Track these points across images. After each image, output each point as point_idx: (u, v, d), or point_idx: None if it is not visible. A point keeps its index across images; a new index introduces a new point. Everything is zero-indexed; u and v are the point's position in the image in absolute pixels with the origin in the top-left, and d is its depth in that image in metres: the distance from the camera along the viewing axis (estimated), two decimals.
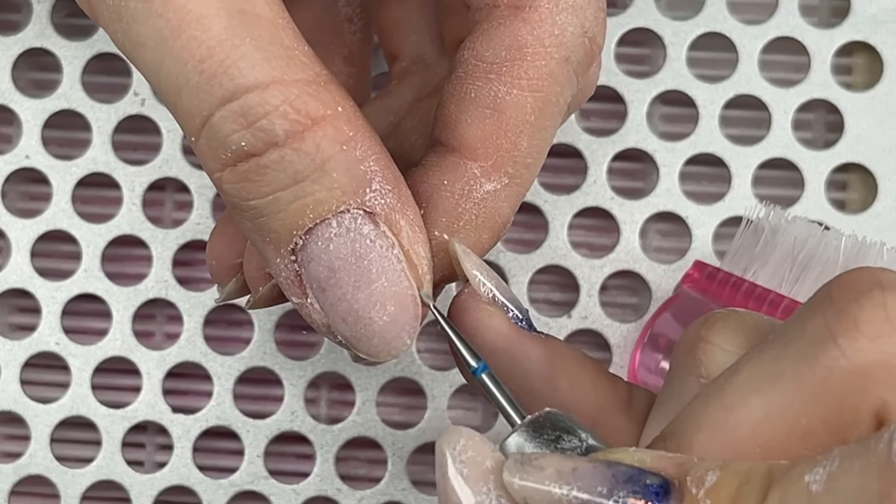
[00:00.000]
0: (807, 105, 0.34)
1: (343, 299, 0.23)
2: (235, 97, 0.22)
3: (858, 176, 0.34)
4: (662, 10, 0.34)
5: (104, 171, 0.34)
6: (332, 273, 0.23)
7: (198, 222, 0.34)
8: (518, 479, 0.20)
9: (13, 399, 0.34)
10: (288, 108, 0.22)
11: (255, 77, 0.22)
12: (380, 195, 0.23)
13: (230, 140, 0.22)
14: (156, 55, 0.22)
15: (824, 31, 0.34)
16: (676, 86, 0.34)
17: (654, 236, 0.35)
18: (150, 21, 0.22)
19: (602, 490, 0.19)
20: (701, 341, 0.23)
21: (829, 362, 0.19)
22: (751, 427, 0.20)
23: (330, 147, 0.22)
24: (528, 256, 0.34)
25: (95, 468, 0.33)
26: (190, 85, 0.22)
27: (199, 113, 0.22)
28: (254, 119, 0.22)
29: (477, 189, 0.25)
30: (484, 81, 0.25)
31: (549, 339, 0.24)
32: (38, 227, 0.34)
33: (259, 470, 0.33)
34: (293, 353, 0.34)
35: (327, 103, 0.22)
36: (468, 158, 0.25)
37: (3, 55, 0.34)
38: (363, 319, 0.23)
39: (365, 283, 0.23)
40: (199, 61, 0.22)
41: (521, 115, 0.25)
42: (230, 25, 0.22)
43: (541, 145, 0.25)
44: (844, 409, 0.19)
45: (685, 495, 0.19)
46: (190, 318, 0.34)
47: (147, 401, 0.34)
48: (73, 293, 0.34)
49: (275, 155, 0.22)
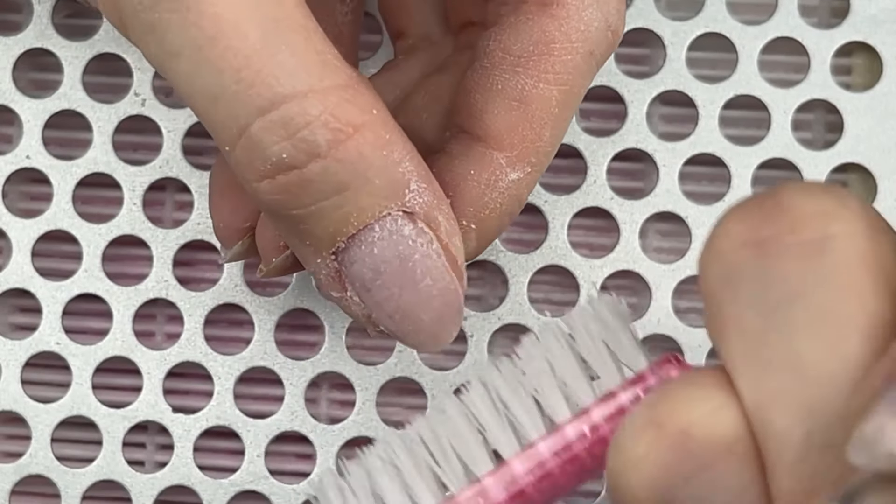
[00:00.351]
0: (806, 105, 0.34)
1: (390, 299, 0.24)
2: (274, 107, 0.22)
3: (858, 176, 0.34)
4: (662, 10, 0.34)
5: (105, 171, 0.34)
6: (378, 275, 0.23)
7: (198, 222, 0.34)
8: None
9: (14, 399, 0.34)
10: (329, 118, 0.22)
11: (293, 86, 0.22)
12: (417, 195, 0.23)
13: (270, 152, 0.22)
14: (191, 65, 0.22)
15: (824, 31, 0.34)
16: (676, 86, 0.34)
17: (654, 236, 0.35)
18: (186, 31, 0.22)
19: None
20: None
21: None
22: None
23: (371, 153, 0.22)
24: (527, 256, 0.34)
25: (96, 468, 0.34)
26: (227, 94, 0.22)
27: (237, 123, 0.22)
28: (294, 130, 0.22)
29: (503, 179, 0.26)
30: (511, 74, 0.25)
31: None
32: (39, 227, 0.34)
33: (259, 469, 0.34)
34: (293, 353, 0.34)
35: (364, 108, 0.22)
36: (494, 149, 0.25)
37: (4, 55, 0.34)
38: (410, 317, 0.24)
39: (410, 284, 0.23)
40: (236, 70, 0.21)
41: (546, 108, 0.25)
42: (266, 33, 0.22)
43: (561, 135, 0.26)
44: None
45: None
46: (190, 318, 0.34)
47: (147, 401, 0.34)
48: (74, 293, 0.34)
49: (318, 167, 0.22)
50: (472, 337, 0.33)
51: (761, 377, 0.19)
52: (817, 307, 0.19)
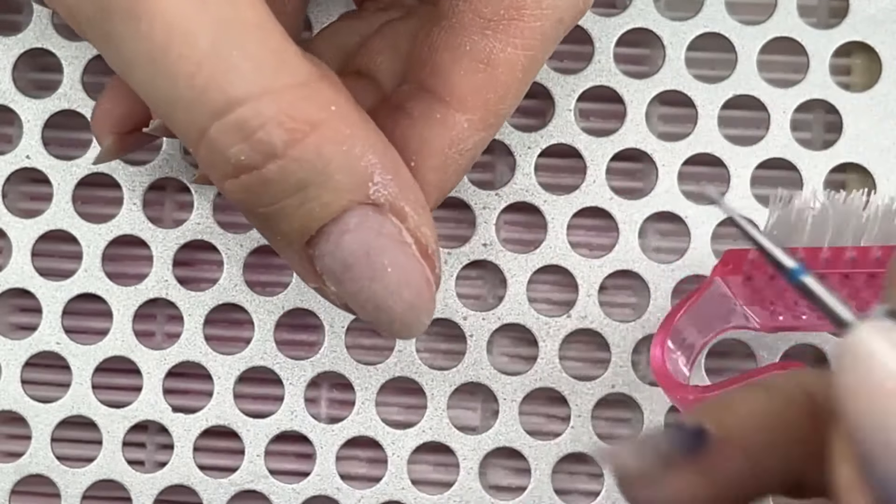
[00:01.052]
0: (805, 105, 0.34)
1: (360, 291, 0.24)
2: (229, 110, 0.22)
3: (857, 176, 0.34)
4: (661, 10, 0.34)
5: (104, 171, 0.34)
6: (347, 268, 0.23)
7: (198, 222, 0.34)
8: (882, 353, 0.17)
9: (14, 399, 0.34)
10: (283, 118, 0.22)
11: (245, 88, 0.22)
12: (382, 186, 0.23)
13: (229, 154, 0.22)
14: (146, 74, 0.22)
15: (823, 31, 0.34)
16: (675, 86, 0.34)
17: (654, 236, 0.35)
18: (138, 43, 0.22)
19: None
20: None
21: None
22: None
23: (330, 150, 0.22)
24: (527, 256, 0.34)
25: (96, 467, 0.34)
26: (183, 101, 0.22)
27: (195, 127, 0.22)
28: (250, 132, 0.22)
29: (464, 141, 0.26)
30: (480, 37, 0.25)
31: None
32: (39, 227, 0.34)
33: (259, 469, 0.34)
34: (293, 353, 0.34)
35: (322, 105, 0.22)
36: (457, 110, 0.26)
37: (4, 55, 0.34)
38: (382, 308, 0.24)
39: (379, 275, 0.24)
40: (189, 77, 0.22)
41: (512, 72, 0.26)
42: (216, 38, 0.22)
43: (520, 98, 0.27)
44: None
45: None
46: (190, 318, 0.34)
47: (147, 400, 0.34)
48: (74, 293, 0.34)
49: (275, 166, 0.22)
50: (472, 337, 0.34)
51: None
52: None
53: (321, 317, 0.34)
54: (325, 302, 0.33)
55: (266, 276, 0.35)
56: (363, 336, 0.34)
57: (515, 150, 0.34)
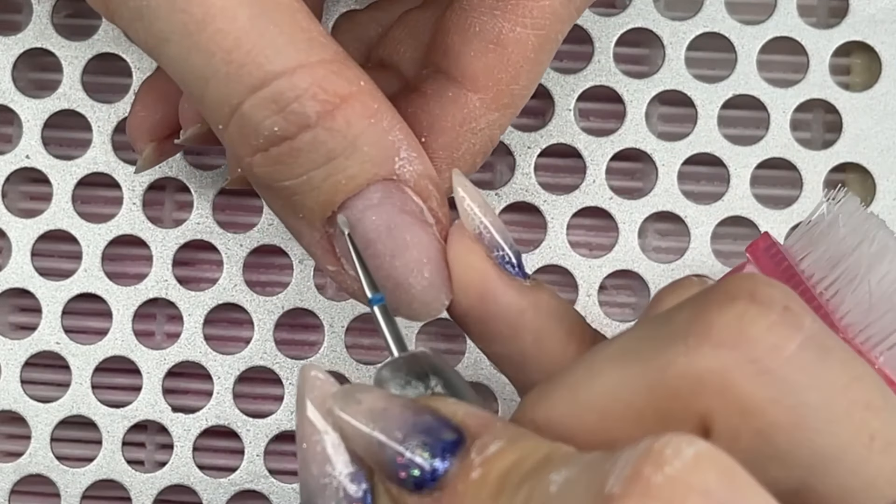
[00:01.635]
0: (805, 105, 0.34)
1: (381, 268, 0.24)
2: (265, 84, 0.22)
3: (857, 176, 0.34)
4: (661, 10, 0.34)
5: (104, 171, 0.34)
6: (369, 244, 0.24)
7: (198, 222, 0.34)
8: (338, 409, 0.20)
9: (13, 398, 0.34)
10: (317, 90, 0.22)
11: (282, 63, 0.22)
12: (408, 162, 0.23)
13: (262, 126, 0.22)
14: (181, 49, 0.22)
15: (822, 31, 0.34)
16: (675, 86, 0.34)
17: (653, 236, 0.35)
18: (174, 16, 0.22)
19: (398, 435, 0.20)
20: (656, 302, 0.23)
21: (671, 357, 0.19)
22: (596, 396, 0.20)
23: (359, 122, 0.23)
24: (527, 256, 0.34)
25: (96, 467, 0.34)
26: (219, 76, 0.22)
27: (229, 102, 0.22)
28: (285, 103, 0.22)
29: (476, 119, 0.26)
30: (489, 17, 0.25)
31: (532, 287, 0.24)
32: (39, 227, 0.34)
33: (259, 469, 0.34)
34: (293, 353, 0.34)
35: (351, 80, 0.23)
36: (469, 90, 0.26)
37: (4, 55, 0.34)
38: (402, 286, 0.24)
39: (401, 252, 0.24)
40: (226, 52, 0.22)
41: (522, 52, 0.26)
42: (253, 15, 0.22)
43: (537, 78, 0.26)
44: (675, 405, 0.19)
45: (465, 459, 0.19)
46: (190, 318, 0.34)
47: (147, 400, 0.34)
48: (74, 293, 0.34)
49: (308, 136, 0.23)
50: None
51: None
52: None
53: (321, 317, 0.34)
54: (325, 302, 0.33)
55: (266, 276, 0.35)
56: (363, 336, 0.34)
57: (515, 149, 0.34)
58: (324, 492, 0.20)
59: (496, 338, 0.24)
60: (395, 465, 0.19)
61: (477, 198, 0.24)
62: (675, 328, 0.20)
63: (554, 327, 0.24)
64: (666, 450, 0.16)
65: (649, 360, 0.20)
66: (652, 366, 0.19)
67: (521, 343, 0.24)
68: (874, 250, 0.28)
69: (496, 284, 0.24)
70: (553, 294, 0.25)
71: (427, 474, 0.19)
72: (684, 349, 0.19)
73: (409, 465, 0.19)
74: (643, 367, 0.20)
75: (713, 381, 0.19)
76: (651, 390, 0.19)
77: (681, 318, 0.20)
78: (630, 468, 0.16)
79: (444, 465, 0.19)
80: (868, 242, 0.28)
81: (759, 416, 0.19)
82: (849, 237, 0.28)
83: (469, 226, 0.24)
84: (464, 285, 0.24)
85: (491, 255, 0.24)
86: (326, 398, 0.21)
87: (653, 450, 0.16)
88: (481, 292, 0.24)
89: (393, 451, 0.19)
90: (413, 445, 0.19)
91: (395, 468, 0.19)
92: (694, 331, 0.19)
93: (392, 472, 0.19)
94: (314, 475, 0.20)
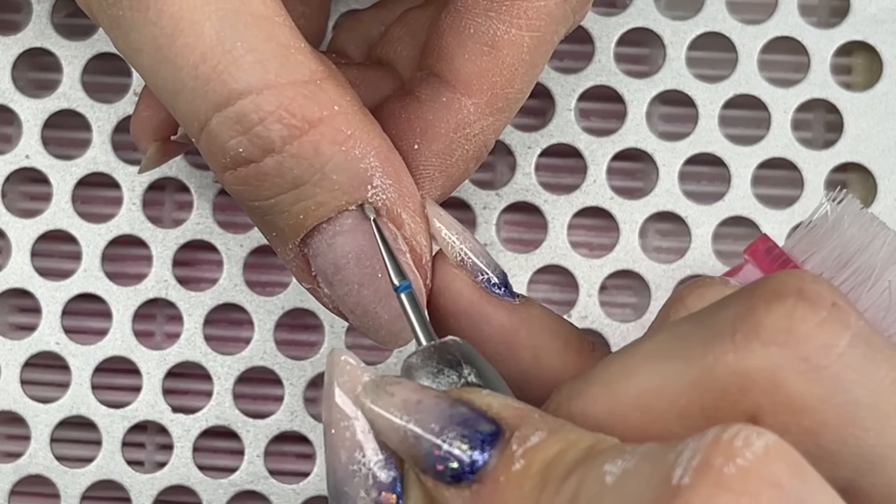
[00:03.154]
0: (806, 105, 0.34)
1: (350, 294, 0.24)
2: (230, 103, 0.22)
3: (858, 175, 0.34)
4: (662, 9, 0.34)
5: (104, 170, 0.34)
6: (338, 270, 0.23)
7: (198, 222, 0.34)
8: (369, 402, 0.20)
9: (13, 399, 0.34)
10: (283, 113, 0.22)
11: (247, 82, 0.22)
12: (381, 191, 0.23)
13: (228, 146, 0.22)
14: (152, 61, 0.22)
15: (824, 30, 0.34)
16: (676, 85, 0.34)
17: (654, 236, 0.35)
18: (146, 29, 0.22)
19: (434, 427, 0.19)
20: (678, 301, 0.23)
21: (719, 354, 0.19)
22: (637, 393, 0.20)
23: (328, 149, 0.22)
24: (527, 256, 0.34)
25: (95, 468, 0.34)
26: (186, 90, 0.22)
27: (197, 117, 0.22)
28: (249, 126, 0.22)
29: (470, 125, 0.26)
30: (483, 18, 0.25)
31: (522, 305, 0.24)
32: (39, 227, 0.34)
33: (259, 470, 0.34)
34: (293, 353, 0.34)
35: (323, 104, 0.22)
36: (463, 94, 0.25)
37: (3, 55, 0.34)
38: (370, 314, 0.24)
39: (369, 280, 0.23)
40: (192, 67, 0.22)
41: (517, 54, 0.25)
42: (222, 29, 0.22)
43: (532, 81, 0.26)
44: (722, 403, 0.19)
45: (505, 450, 0.19)
46: (190, 318, 0.34)
47: (147, 400, 0.34)
48: (73, 293, 0.34)
49: (272, 161, 0.22)
50: None
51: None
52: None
53: (321, 317, 0.34)
54: None
55: (266, 276, 0.35)
56: (363, 336, 0.34)
57: (515, 149, 0.34)
58: (353, 479, 0.20)
59: (493, 359, 0.24)
60: (432, 458, 0.19)
61: (454, 226, 0.24)
62: (720, 326, 0.19)
63: (549, 341, 0.24)
64: (736, 441, 0.16)
65: (694, 357, 0.19)
66: (698, 363, 0.19)
67: (519, 361, 0.24)
68: (887, 249, 0.28)
69: (486, 308, 0.24)
70: (543, 308, 0.25)
71: (466, 467, 0.19)
72: (732, 346, 0.19)
73: (447, 457, 0.19)
74: (687, 364, 0.19)
75: (763, 379, 0.19)
76: (697, 387, 0.19)
77: (725, 316, 0.19)
78: (699, 458, 0.16)
79: (483, 457, 0.19)
80: (880, 241, 0.28)
81: (808, 415, 0.19)
82: (857, 237, 0.28)
83: (450, 255, 0.24)
84: (454, 313, 0.24)
85: (476, 281, 0.24)
86: (356, 385, 0.20)
87: (722, 440, 0.16)
88: (472, 318, 0.24)
89: (430, 444, 0.19)
90: (451, 437, 0.19)
91: (433, 461, 0.19)
92: (741, 328, 0.19)
93: (428, 464, 0.19)
94: (343, 462, 0.20)
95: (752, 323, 0.19)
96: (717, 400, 0.19)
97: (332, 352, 0.21)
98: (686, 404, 0.19)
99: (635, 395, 0.20)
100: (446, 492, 0.19)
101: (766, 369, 0.19)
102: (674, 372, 0.20)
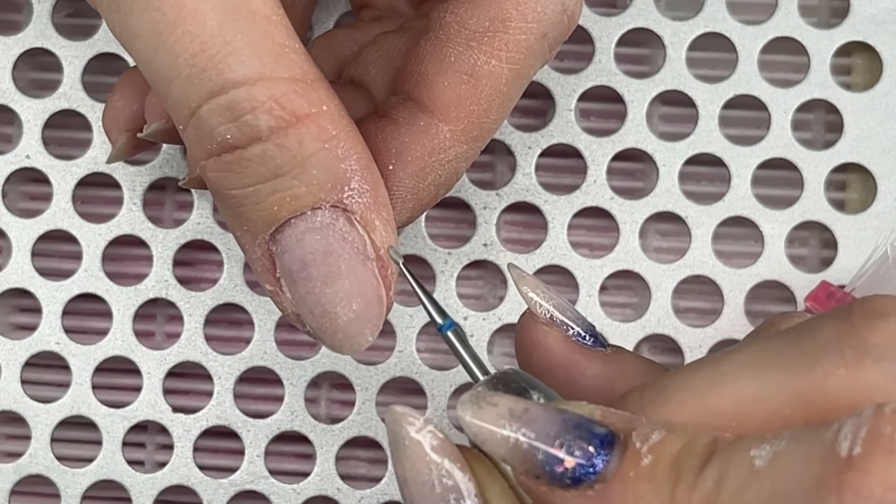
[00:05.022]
0: (806, 105, 0.34)
1: (311, 292, 0.24)
2: (223, 91, 0.22)
3: (858, 176, 0.34)
4: (662, 10, 0.34)
5: (104, 170, 0.34)
6: (303, 266, 0.24)
7: (198, 222, 0.34)
8: (470, 416, 0.20)
9: (13, 399, 0.34)
10: (273, 105, 0.22)
11: (243, 73, 0.22)
12: (357, 193, 0.24)
13: (216, 132, 0.23)
14: (149, 46, 0.23)
15: (824, 31, 0.34)
16: (676, 86, 0.34)
17: (654, 236, 0.35)
18: (147, 14, 0.22)
19: (550, 433, 0.20)
20: (770, 326, 0.23)
21: (829, 368, 0.19)
22: (736, 401, 0.20)
23: (312, 144, 0.23)
24: (527, 256, 0.34)
25: (96, 468, 0.34)
26: (181, 77, 0.22)
27: (188, 104, 0.23)
28: (239, 113, 0.22)
29: (445, 150, 0.26)
30: (465, 48, 0.26)
31: (614, 354, 0.25)
32: (39, 227, 0.34)
33: (259, 469, 0.34)
34: (293, 353, 0.34)
35: (313, 101, 0.23)
36: (440, 120, 0.26)
37: (4, 55, 0.34)
38: (329, 314, 0.24)
39: (333, 279, 0.24)
40: (191, 55, 0.22)
41: (495, 85, 0.26)
42: (224, 21, 0.22)
43: (505, 113, 0.27)
44: (829, 415, 0.19)
45: (629, 448, 0.19)
46: (190, 318, 0.34)
47: (147, 400, 0.34)
48: (74, 293, 0.34)
49: (257, 149, 0.23)
50: (472, 337, 0.33)
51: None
52: None
53: None
54: None
55: None
56: None
57: (516, 149, 0.34)
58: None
59: None
60: (550, 462, 0.19)
61: (538, 286, 0.25)
62: (824, 342, 0.20)
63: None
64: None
65: (799, 369, 0.20)
66: (804, 376, 0.20)
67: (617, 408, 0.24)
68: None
69: (580, 360, 0.24)
70: (635, 354, 0.25)
71: (587, 468, 0.19)
72: (842, 362, 0.19)
73: (567, 461, 0.19)
74: (792, 375, 0.20)
75: (876, 394, 0.19)
76: (805, 401, 0.20)
77: (827, 332, 0.20)
78: (866, 430, 0.17)
79: (604, 458, 0.19)
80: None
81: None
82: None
83: (538, 314, 0.24)
84: (550, 368, 0.24)
85: (567, 335, 0.24)
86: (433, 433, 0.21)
87: (885, 412, 0.17)
88: (567, 371, 0.24)
89: (545, 450, 0.20)
90: (568, 441, 0.20)
91: (552, 464, 0.19)
92: (849, 344, 0.20)
93: (545, 469, 0.20)
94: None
95: (858, 340, 0.20)
96: (824, 412, 0.19)
97: (391, 409, 0.21)
98: (790, 415, 0.20)
99: (732, 403, 0.20)
100: (566, 494, 0.20)
101: (881, 385, 0.19)
102: (776, 383, 0.20)
